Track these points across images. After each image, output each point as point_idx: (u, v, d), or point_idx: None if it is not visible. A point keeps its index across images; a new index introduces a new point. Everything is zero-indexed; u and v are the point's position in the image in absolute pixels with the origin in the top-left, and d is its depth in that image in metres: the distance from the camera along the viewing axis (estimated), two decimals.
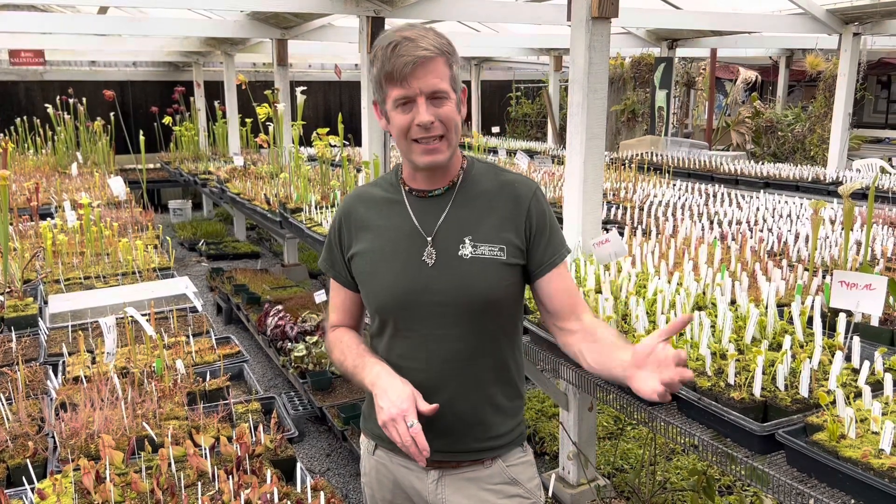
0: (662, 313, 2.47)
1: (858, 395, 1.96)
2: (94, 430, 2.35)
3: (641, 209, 4.79)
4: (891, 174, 6.37)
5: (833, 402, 1.86)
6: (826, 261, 3.31)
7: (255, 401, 2.72)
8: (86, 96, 9.84)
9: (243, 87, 7.60)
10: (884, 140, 13.75)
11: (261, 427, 2.39)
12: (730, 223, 4.30)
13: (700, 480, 3.04)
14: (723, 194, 5.37)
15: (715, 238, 3.67)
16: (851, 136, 8.72)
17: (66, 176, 7.85)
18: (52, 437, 2.38)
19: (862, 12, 6.81)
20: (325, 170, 6.09)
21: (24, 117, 10.23)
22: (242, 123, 10.07)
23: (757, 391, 1.98)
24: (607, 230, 3.28)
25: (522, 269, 1.74)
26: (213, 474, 2.11)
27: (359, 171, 6.02)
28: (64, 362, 2.97)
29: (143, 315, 2.91)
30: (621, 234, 3.89)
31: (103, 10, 7.90)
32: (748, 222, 4.34)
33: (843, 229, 3.53)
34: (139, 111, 12.33)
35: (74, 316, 3.47)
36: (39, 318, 3.46)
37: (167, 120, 9.97)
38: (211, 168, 8.65)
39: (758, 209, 4.72)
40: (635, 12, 7.03)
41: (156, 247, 4.78)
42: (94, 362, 2.95)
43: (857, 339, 2.18)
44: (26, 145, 9.92)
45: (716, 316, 2.48)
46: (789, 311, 2.44)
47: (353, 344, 1.81)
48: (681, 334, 2.43)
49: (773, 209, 4.71)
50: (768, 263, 3.15)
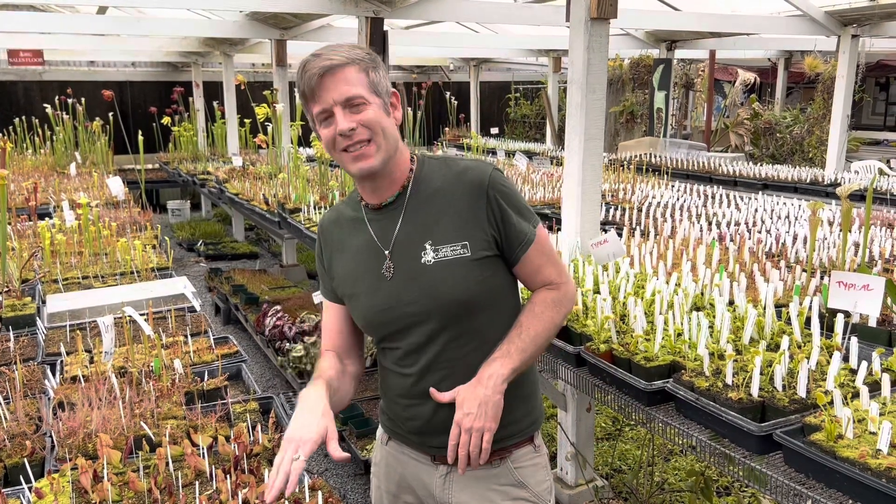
0: (661, 313, 2.47)
1: (856, 395, 1.96)
2: (91, 429, 2.34)
3: (640, 210, 4.80)
4: (889, 176, 6.38)
5: (831, 403, 1.87)
6: (824, 262, 3.31)
7: (252, 400, 2.72)
8: (84, 96, 9.84)
9: (242, 87, 7.59)
10: (882, 142, 13.77)
11: (259, 427, 2.39)
12: (728, 224, 4.31)
13: (698, 481, 3.04)
14: (721, 195, 5.37)
15: (713, 239, 3.68)
16: (850, 137, 8.73)
17: (64, 176, 7.85)
18: (50, 436, 2.38)
19: (860, 14, 6.82)
20: (323, 170, 6.09)
21: (23, 117, 10.23)
22: (241, 124, 10.07)
23: (755, 391, 1.98)
24: (606, 231, 3.29)
25: (499, 259, 1.70)
26: (210, 474, 2.11)
27: None
28: (62, 362, 2.97)
29: (141, 315, 2.91)
30: (620, 234, 3.90)
31: (102, 10, 7.90)
32: (746, 223, 4.35)
33: (841, 231, 3.54)
34: (138, 111, 12.33)
35: (72, 316, 3.47)
36: (37, 318, 3.46)
37: (166, 120, 9.97)
38: (210, 168, 8.65)
39: (756, 210, 4.72)
40: (634, 13, 7.04)
41: (154, 247, 4.78)
42: (91, 362, 2.95)
43: (854, 339, 2.18)
44: (25, 145, 9.92)
45: (714, 316, 2.48)
46: (787, 312, 2.44)
47: (319, 368, 1.77)
48: (678, 334, 2.44)
49: (772, 210, 4.71)
50: (766, 264, 3.16)
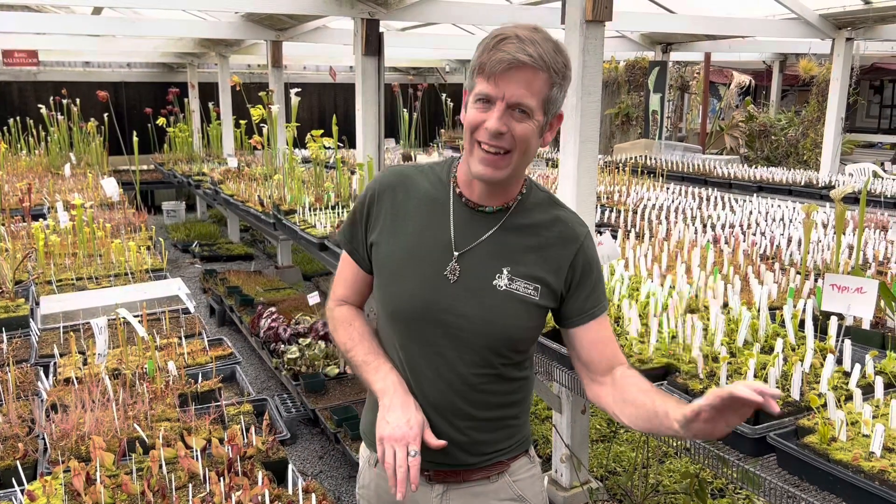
0: (655, 316, 2.48)
1: (849, 397, 1.96)
2: (84, 431, 2.34)
3: (635, 212, 4.80)
4: (883, 178, 6.40)
5: (824, 405, 1.87)
6: (818, 264, 3.32)
7: (247, 403, 2.71)
8: (79, 97, 9.82)
9: (238, 88, 7.57)
10: (876, 144, 13.82)
11: (252, 429, 2.38)
12: (723, 227, 4.32)
13: (692, 483, 3.04)
14: (716, 198, 5.39)
15: (708, 241, 3.68)
16: (844, 140, 8.75)
17: (58, 177, 7.83)
18: (43, 438, 2.37)
19: (855, 17, 6.84)
20: (319, 172, 6.08)
21: (17, 118, 10.20)
22: (237, 125, 10.06)
23: None
24: (601, 233, 3.29)
25: (548, 312, 1.64)
26: (204, 476, 2.10)
27: (353, 172, 6.02)
28: (55, 363, 2.96)
29: (135, 316, 2.90)
30: (614, 237, 3.90)
31: (97, 10, 7.88)
32: (741, 226, 4.36)
33: (835, 233, 3.55)
34: (133, 112, 12.30)
35: (66, 317, 3.46)
36: (31, 319, 3.45)
37: (161, 121, 9.95)
38: (205, 169, 8.64)
39: (751, 213, 4.74)
40: (629, 16, 7.05)
41: (149, 248, 4.77)
42: (85, 363, 2.94)
43: (848, 342, 2.19)
44: (19, 146, 9.88)
45: (708, 319, 2.48)
46: (781, 315, 2.45)
47: (365, 334, 1.70)
48: (673, 336, 2.44)
49: (766, 213, 4.72)
50: (761, 267, 3.16)
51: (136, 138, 7.98)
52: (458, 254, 1.58)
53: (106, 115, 9.57)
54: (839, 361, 2.19)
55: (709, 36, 8.58)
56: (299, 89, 6.39)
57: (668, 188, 6.12)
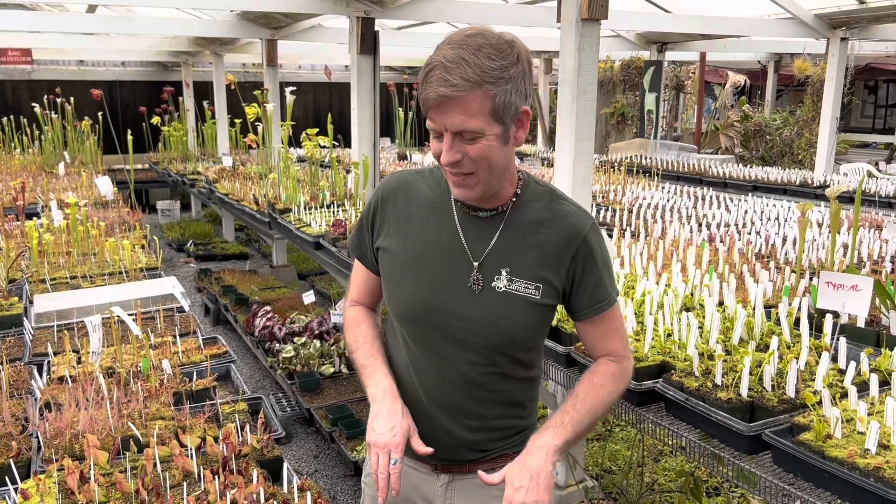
0: (651, 314, 2.48)
1: (844, 395, 1.97)
2: (78, 430, 2.33)
3: (630, 211, 4.81)
4: (877, 178, 6.42)
5: (819, 403, 1.87)
6: (813, 263, 3.33)
7: (241, 401, 2.70)
8: (74, 96, 9.78)
9: (232, 87, 7.56)
10: (870, 144, 13.87)
11: (247, 427, 2.37)
12: (718, 226, 4.32)
13: (687, 481, 3.05)
14: (711, 197, 5.39)
15: (703, 240, 3.69)
16: (839, 140, 8.77)
17: (53, 175, 7.80)
18: (37, 437, 2.36)
19: (849, 17, 6.86)
20: (314, 171, 6.07)
21: (11, 116, 10.16)
22: (231, 124, 10.04)
23: (744, 392, 1.99)
24: None
25: (555, 308, 1.65)
26: (198, 474, 2.10)
27: (348, 171, 6.01)
28: (49, 362, 2.94)
29: (129, 315, 2.89)
30: (610, 235, 3.90)
31: (92, 8, 7.86)
32: (736, 225, 4.36)
33: (830, 232, 3.55)
34: (127, 111, 12.27)
35: (60, 316, 3.45)
36: (24, 318, 3.43)
37: (156, 120, 9.92)
38: (199, 168, 8.62)
39: (746, 212, 4.74)
40: (625, 15, 7.05)
41: (143, 247, 4.76)
42: (79, 362, 2.93)
43: (843, 340, 2.19)
44: (13, 144, 9.85)
45: (703, 317, 2.48)
46: (776, 313, 2.45)
47: (368, 337, 1.74)
48: (668, 334, 2.44)
49: (761, 212, 4.73)
50: (756, 265, 3.17)
51: (130, 137, 7.95)
52: (476, 264, 1.59)
53: (100, 113, 9.54)
54: (834, 359, 2.19)
55: (704, 35, 8.60)
56: (294, 88, 6.37)
57: (663, 187, 6.13)
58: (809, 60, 11.10)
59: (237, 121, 9.95)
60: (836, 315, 2.39)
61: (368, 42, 5.57)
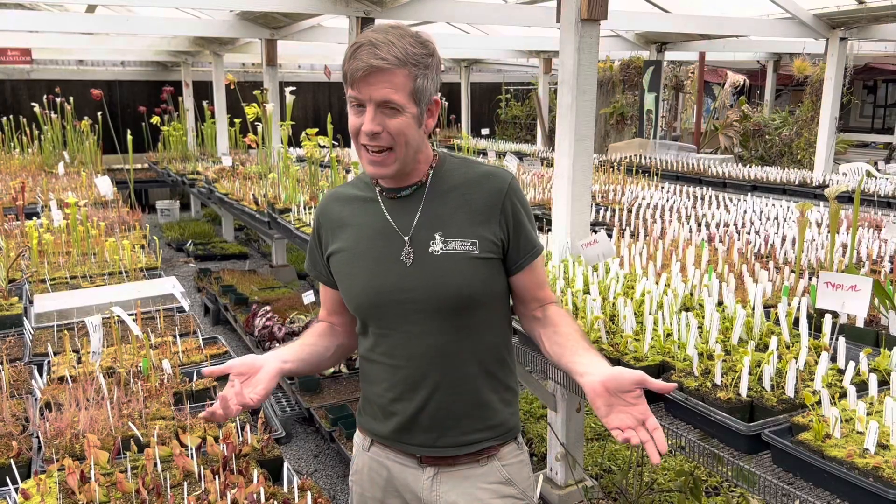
0: (650, 314, 2.48)
1: (844, 395, 1.97)
2: (79, 429, 2.33)
3: (630, 211, 4.81)
4: (876, 178, 6.42)
5: (818, 403, 1.88)
6: (812, 263, 3.33)
7: None
8: (73, 95, 9.78)
9: (232, 87, 7.57)
10: (870, 144, 13.87)
11: (247, 427, 2.38)
12: (717, 225, 4.32)
13: (687, 481, 3.05)
14: (710, 197, 5.40)
15: (702, 240, 3.69)
16: (838, 140, 8.78)
17: (52, 175, 7.80)
18: (37, 436, 2.36)
19: (848, 17, 6.86)
20: (313, 170, 6.07)
21: (11, 116, 10.16)
22: (231, 124, 10.04)
23: (743, 391, 1.99)
24: (596, 232, 3.29)
25: (500, 263, 1.73)
26: (199, 474, 2.10)
27: (347, 171, 6.02)
28: (49, 362, 2.95)
29: (129, 315, 2.89)
30: (609, 235, 3.91)
31: (91, 8, 7.86)
32: (735, 225, 4.37)
33: (829, 232, 3.56)
34: (127, 111, 12.27)
35: (60, 316, 3.45)
36: (24, 318, 3.44)
37: (155, 120, 9.92)
38: (199, 168, 8.62)
39: (745, 212, 4.75)
40: (624, 15, 7.05)
41: (143, 247, 4.76)
42: (79, 362, 2.93)
43: (842, 339, 2.20)
44: (12, 144, 9.85)
45: (703, 317, 2.49)
46: (776, 313, 2.45)
47: (303, 335, 1.87)
48: (668, 334, 2.45)
49: (761, 212, 4.74)
50: (755, 265, 3.17)
51: (130, 137, 7.94)
52: (407, 238, 1.68)
53: (100, 113, 9.54)
54: (833, 359, 2.19)
55: (703, 35, 8.60)
56: (294, 88, 6.38)
57: (662, 187, 6.13)
58: (808, 60, 11.11)
59: (237, 121, 9.95)
60: (835, 315, 2.39)
61: None
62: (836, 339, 2.22)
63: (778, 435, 1.85)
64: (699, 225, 4.36)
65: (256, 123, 6.95)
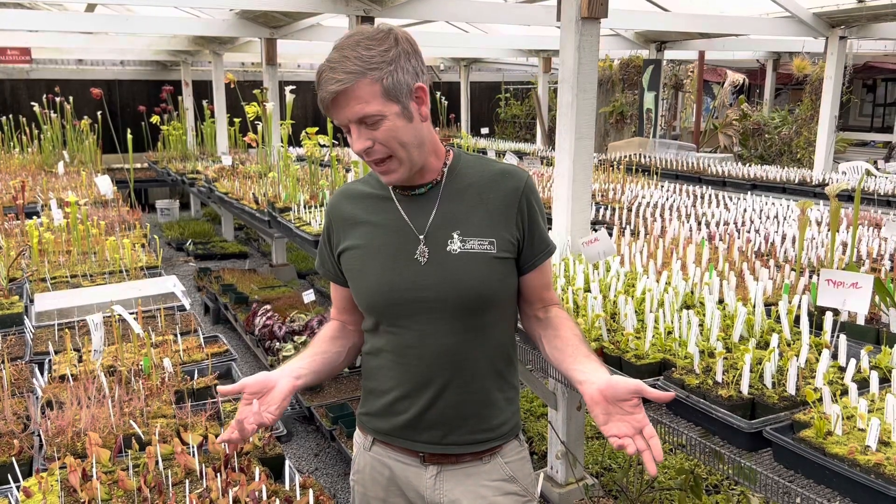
0: (651, 312, 2.48)
1: (845, 392, 1.97)
2: (80, 428, 2.33)
3: (630, 210, 4.81)
4: (876, 177, 6.43)
5: (820, 400, 1.88)
6: (813, 261, 3.33)
7: None
8: (73, 95, 9.77)
9: (232, 86, 7.57)
10: (869, 143, 13.88)
11: None
12: (717, 224, 4.33)
13: (687, 479, 3.05)
14: (710, 196, 5.40)
15: (703, 238, 3.69)
16: (837, 138, 8.79)
17: (52, 175, 7.79)
18: (38, 435, 2.36)
19: (848, 16, 6.87)
20: (313, 169, 6.07)
21: (10, 116, 10.15)
22: (231, 123, 10.03)
23: (745, 389, 1.99)
24: (596, 230, 3.29)
25: (514, 262, 1.72)
26: (200, 472, 2.10)
27: (348, 170, 6.02)
28: (50, 360, 2.95)
29: (130, 313, 2.89)
30: (610, 234, 3.91)
31: (91, 7, 7.85)
32: (735, 223, 4.37)
33: (829, 230, 3.56)
34: (127, 110, 12.26)
35: (61, 314, 3.45)
36: (25, 317, 3.44)
37: (155, 119, 9.91)
38: (199, 167, 8.61)
39: (745, 210, 4.75)
40: (624, 14, 7.06)
41: (143, 245, 4.76)
42: (80, 360, 2.93)
43: (843, 337, 2.20)
44: (12, 144, 9.84)
45: (704, 315, 2.49)
46: (776, 310, 2.46)
47: (314, 341, 1.84)
48: (669, 332, 2.45)
49: (760, 210, 4.74)
50: (756, 263, 3.17)
51: (129, 136, 7.94)
52: (422, 237, 1.67)
53: (99, 112, 9.54)
54: (834, 356, 2.20)
55: (703, 34, 8.61)
56: (294, 87, 6.37)
57: (662, 186, 6.13)
58: (808, 59, 11.11)
59: (237, 120, 9.94)
60: (836, 312, 2.39)
61: None
62: (837, 336, 2.22)
63: (779, 432, 1.85)
64: (699, 223, 4.37)
65: (256, 122, 6.94)
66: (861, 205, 4.78)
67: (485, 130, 12.50)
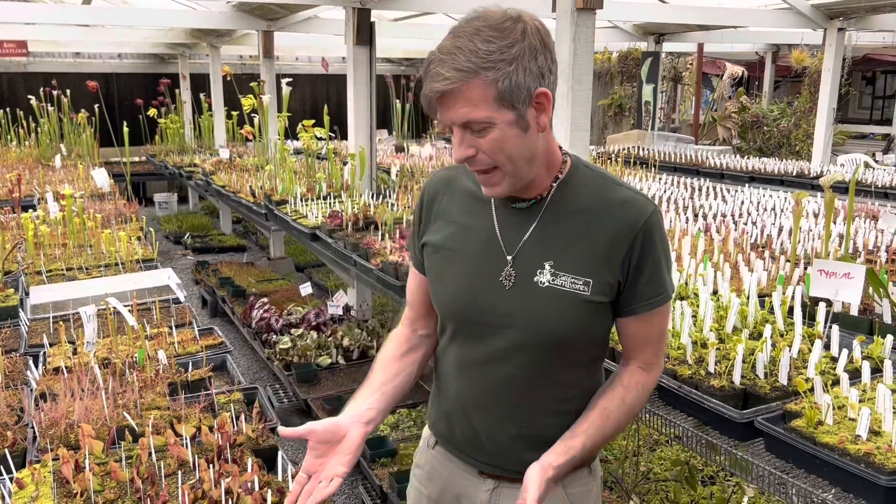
0: None
1: (837, 382, 1.98)
2: (74, 419, 2.33)
3: None
4: (874, 169, 6.42)
5: (811, 390, 1.88)
6: (808, 252, 3.33)
7: (237, 391, 2.71)
8: (70, 88, 9.75)
9: (229, 79, 7.55)
10: (868, 135, 13.86)
11: (242, 417, 2.38)
12: (714, 216, 4.32)
13: (682, 470, 3.06)
14: (708, 188, 5.39)
15: (699, 230, 3.69)
16: (836, 131, 8.78)
17: (49, 168, 7.79)
18: (32, 427, 2.36)
19: (846, 7, 6.85)
20: (310, 162, 6.07)
21: (7, 109, 10.13)
22: (228, 116, 10.01)
23: (737, 379, 2.00)
24: None
25: (610, 306, 1.49)
26: (193, 463, 2.10)
27: (345, 163, 6.01)
28: (45, 353, 2.95)
29: (125, 306, 2.89)
30: None
31: (87, 0, 7.83)
32: (732, 215, 4.37)
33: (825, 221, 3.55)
34: (124, 103, 12.23)
35: (56, 307, 3.45)
36: (20, 310, 3.44)
37: (152, 112, 9.89)
38: (196, 161, 8.60)
39: (742, 203, 4.75)
40: (622, 5, 7.04)
41: (139, 238, 4.76)
42: (75, 353, 2.93)
43: (836, 328, 2.20)
44: (9, 137, 9.83)
45: (697, 306, 2.49)
46: (770, 301, 2.46)
47: (381, 364, 1.66)
48: None
49: (758, 203, 4.74)
50: (751, 255, 3.17)
51: (126, 129, 7.94)
52: (510, 258, 1.48)
53: (96, 106, 9.51)
54: (827, 347, 2.20)
55: (701, 26, 8.58)
56: (291, 80, 6.36)
57: (660, 178, 6.13)
58: (807, 51, 11.09)
59: (234, 113, 9.92)
60: (829, 303, 2.39)
61: (365, 33, 5.55)
62: (830, 327, 2.22)
63: (771, 422, 1.86)
64: (696, 215, 4.36)
65: (253, 115, 6.93)
66: (858, 197, 4.78)
67: None
